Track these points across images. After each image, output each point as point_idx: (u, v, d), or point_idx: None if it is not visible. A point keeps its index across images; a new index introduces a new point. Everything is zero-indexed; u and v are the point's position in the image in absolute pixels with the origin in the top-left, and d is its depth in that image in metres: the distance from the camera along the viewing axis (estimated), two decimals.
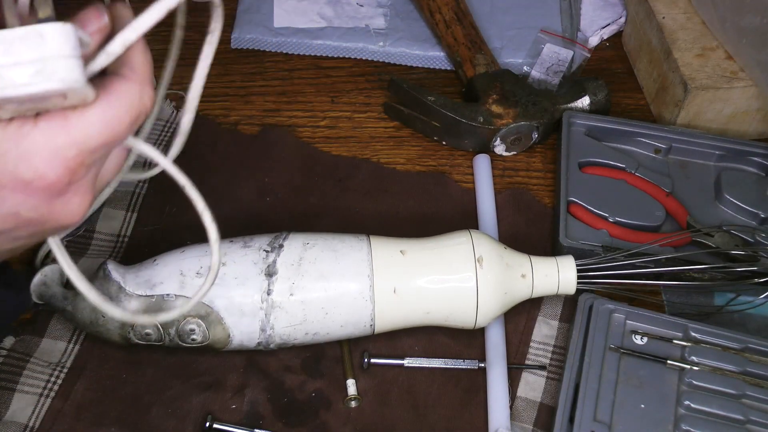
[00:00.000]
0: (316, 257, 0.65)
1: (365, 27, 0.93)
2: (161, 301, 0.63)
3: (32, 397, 0.66)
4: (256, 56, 0.93)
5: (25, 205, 0.43)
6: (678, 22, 0.88)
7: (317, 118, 0.88)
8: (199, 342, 0.65)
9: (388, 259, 0.66)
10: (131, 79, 0.44)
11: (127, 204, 0.78)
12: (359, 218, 0.79)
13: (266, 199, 0.80)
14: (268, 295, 0.64)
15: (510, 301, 0.68)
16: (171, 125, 0.85)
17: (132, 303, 0.63)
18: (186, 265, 0.65)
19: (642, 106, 0.92)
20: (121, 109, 0.43)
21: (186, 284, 0.64)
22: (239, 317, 0.64)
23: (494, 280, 0.66)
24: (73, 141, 0.42)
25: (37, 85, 0.39)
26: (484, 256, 0.66)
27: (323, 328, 0.65)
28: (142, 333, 0.64)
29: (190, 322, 0.64)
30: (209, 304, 0.63)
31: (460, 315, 0.67)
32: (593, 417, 0.64)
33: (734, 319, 0.74)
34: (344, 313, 0.65)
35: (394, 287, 0.65)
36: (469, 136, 0.83)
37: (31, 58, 0.38)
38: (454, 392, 0.69)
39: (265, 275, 0.64)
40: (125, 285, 0.64)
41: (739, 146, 0.82)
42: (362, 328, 0.66)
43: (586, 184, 0.79)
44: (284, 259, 0.65)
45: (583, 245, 0.74)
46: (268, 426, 0.66)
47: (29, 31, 0.39)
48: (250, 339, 0.65)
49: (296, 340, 0.66)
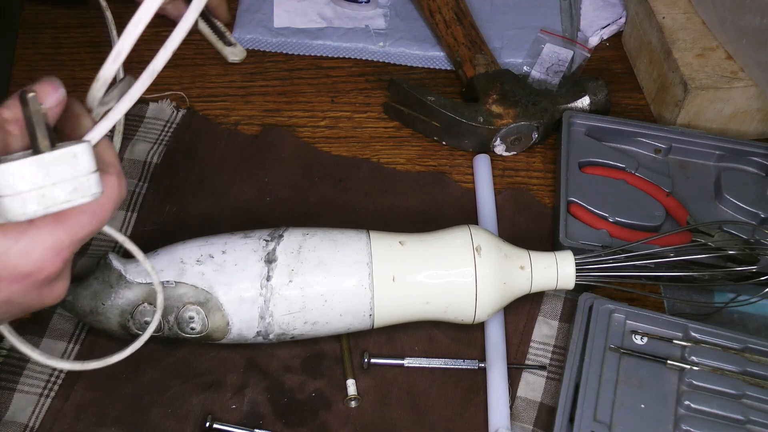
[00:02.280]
0: (315, 246, 0.66)
1: (365, 27, 0.93)
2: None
3: (32, 397, 0.66)
4: (256, 56, 0.93)
5: (19, 294, 0.47)
6: (678, 22, 0.88)
7: (317, 118, 0.88)
8: (198, 332, 0.65)
9: (387, 248, 0.66)
10: (110, 173, 0.48)
11: (127, 203, 0.78)
12: (359, 218, 0.79)
13: (266, 199, 0.80)
14: (267, 281, 0.64)
15: (509, 292, 0.68)
16: (171, 125, 0.85)
17: (132, 290, 0.64)
18: (187, 253, 0.65)
19: (642, 106, 0.92)
20: (107, 202, 0.47)
21: (186, 271, 0.64)
22: (238, 304, 0.64)
23: (493, 269, 0.66)
24: (68, 234, 0.46)
25: (75, 201, 0.44)
26: (482, 246, 0.66)
27: (322, 317, 0.65)
28: (142, 321, 0.64)
29: (189, 309, 0.64)
30: (209, 290, 0.64)
31: (459, 306, 0.67)
32: (593, 417, 0.64)
33: (734, 319, 0.74)
34: (343, 301, 0.65)
35: (393, 275, 0.65)
36: (469, 136, 0.83)
37: (68, 177, 0.43)
38: (454, 392, 0.69)
39: (264, 262, 0.65)
40: (126, 273, 0.64)
41: (739, 146, 0.82)
42: (361, 318, 0.66)
43: (586, 184, 0.79)
44: (284, 247, 0.66)
45: (583, 245, 0.74)
46: (268, 426, 0.66)
47: (64, 153, 0.43)
48: (249, 327, 0.65)
49: (295, 329, 0.66)
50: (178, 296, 0.64)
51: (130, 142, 0.83)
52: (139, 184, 0.79)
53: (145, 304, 0.64)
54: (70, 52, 0.92)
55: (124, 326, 0.65)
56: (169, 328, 0.65)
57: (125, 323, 0.65)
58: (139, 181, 0.80)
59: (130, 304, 0.64)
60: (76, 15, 0.95)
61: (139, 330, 0.65)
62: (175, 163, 0.82)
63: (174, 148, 0.83)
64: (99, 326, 0.66)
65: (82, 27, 0.94)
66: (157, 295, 0.58)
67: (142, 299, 0.64)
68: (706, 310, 0.74)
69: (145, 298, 0.64)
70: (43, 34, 0.93)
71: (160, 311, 0.59)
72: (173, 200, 0.79)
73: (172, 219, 0.78)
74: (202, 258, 0.65)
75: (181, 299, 0.64)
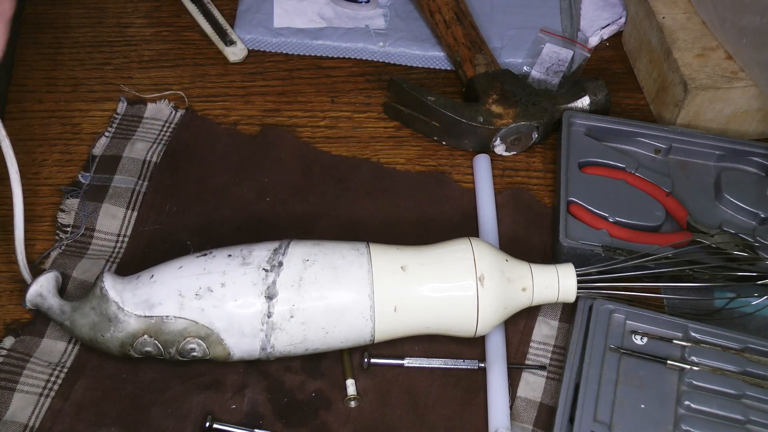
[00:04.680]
0: (316, 277, 0.64)
1: (365, 27, 0.93)
2: (161, 322, 0.63)
3: (32, 397, 0.66)
4: (256, 56, 0.93)
5: None
6: (678, 22, 0.88)
7: (317, 118, 0.88)
8: (200, 357, 0.65)
9: (389, 276, 0.65)
10: None
11: (127, 201, 0.78)
12: (359, 218, 0.79)
13: (266, 200, 0.80)
14: (268, 317, 0.64)
15: (510, 312, 0.68)
16: (170, 125, 0.85)
17: (131, 323, 0.63)
18: (184, 284, 0.64)
19: (642, 106, 0.92)
20: None
21: (185, 306, 0.63)
22: (239, 338, 0.64)
23: (495, 297, 0.66)
24: None
25: None
26: (485, 274, 0.65)
27: (323, 345, 0.66)
28: (143, 350, 0.64)
29: (190, 342, 0.64)
30: (209, 326, 0.63)
31: (460, 329, 0.67)
32: (593, 417, 0.64)
33: (734, 319, 0.74)
34: (344, 332, 0.65)
35: (394, 306, 0.65)
36: (469, 136, 0.83)
37: None
38: (454, 392, 0.69)
39: (265, 297, 0.64)
40: (123, 305, 0.63)
41: (739, 146, 0.82)
42: (362, 342, 0.67)
43: (586, 184, 0.79)
44: (284, 279, 0.64)
45: (583, 245, 0.74)
46: (268, 426, 0.66)
47: None
48: (251, 355, 0.66)
49: (296, 355, 0.66)
50: (179, 331, 0.63)
51: (130, 141, 0.83)
52: (139, 183, 0.79)
53: (146, 336, 0.63)
54: (70, 52, 0.92)
55: (126, 354, 0.65)
56: (170, 356, 0.65)
57: (126, 352, 0.65)
58: (139, 179, 0.80)
59: (130, 337, 0.64)
60: (76, 15, 0.95)
61: (140, 355, 0.65)
62: (174, 162, 0.82)
63: (173, 148, 0.83)
64: (100, 351, 0.66)
65: (82, 27, 0.94)
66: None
67: (141, 332, 0.63)
68: (706, 310, 0.74)
69: (144, 331, 0.63)
70: (43, 34, 0.93)
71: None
72: (173, 200, 0.79)
73: (172, 219, 0.78)
74: (201, 291, 0.63)
75: (181, 334, 0.63)
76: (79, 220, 0.77)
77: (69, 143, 0.84)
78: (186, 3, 0.95)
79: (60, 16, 0.95)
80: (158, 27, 0.95)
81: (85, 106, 0.87)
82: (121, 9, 0.97)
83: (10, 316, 0.71)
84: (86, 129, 0.85)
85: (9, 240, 0.73)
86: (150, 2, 0.98)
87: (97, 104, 0.87)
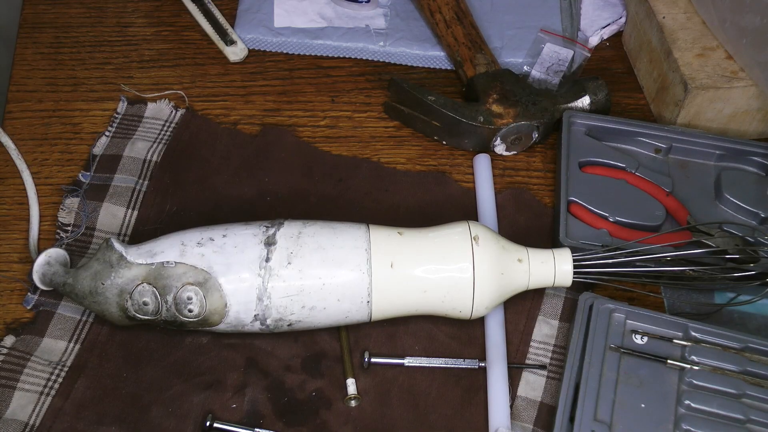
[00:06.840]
0: (315, 232, 0.67)
1: (365, 27, 0.93)
2: (161, 267, 0.65)
3: (33, 396, 0.66)
4: (257, 56, 0.93)
5: None
6: (678, 22, 0.88)
7: (317, 118, 0.88)
8: (196, 315, 0.65)
9: (385, 237, 0.67)
10: None
11: (128, 201, 0.78)
12: (359, 218, 0.79)
13: (266, 199, 0.80)
14: (266, 262, 0.65)
15: (507, 285, 0.68)
16: (170, 125, 0.85)
17: (132, 270, 0.65)
18: (188, 236, 0.67)
19: (642, 105, 0.92)
20: None
21: (186, 252, 0.65)
22: (237, 284, 0.65)
23: (490, 258, 0.66)
24: None
25: None
26: (480, 236, 0.67)
27: (320, 301, 0.66)
28: (140, 302, 0.65)
29: (188, 289, 0.64)
30: (207, 270, 0.65)
31: (456, 295, 0.67)
32: (593, 416, 0.64)
33: (734, 318, 0.74)
34: (341, 285, 0.65)
35: (391, 262, 0.66)
36: (469, 136, 0.84)
37: None
38: (454, 392, 0.69)
39: (264, 244, 0.66)
40: (127, 254, 0.65)
41: (739, 146, 0.82)
42: (359, 304, 0.66)
43: (587, 183, 0.79)
44: (284, 232, 0.67)
45: (584, 245, 0.74)
46: (268, 425, 0.66)
47: None
48: (247, 310, 0.65)
49: (293, 314, 0.66)
50: (177, 276, 0.64)
51: (130, 140, 0.83)
52: (139, 182, 0.80)
53: (144, 284, 0.65)
54: (71, 52, 0.92)
55: (123, 308, 0.65)
56: (167, 309, 0.65)
57: (124, 304, 0.65)
58: (139, 178, 0.80)
59: (130, 284, 0.65)
60: (76, 15, 0.95)
61: (137, 312, 0.65)
62: (174, 162, 0.82)
63: (173, 147, 0.83)
64: (98, 308, 0.66)
65: (82, 27, 0.94)
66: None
67: (141, 279, 0.65)
68: (706, 310, 0.74)
69: (144, 278, 0.65)
70: (43, 34, 0.93)
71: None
72: (173, 199, 0.79)
73: (173, 218, 0.78)
74: (203, 241, 0.66)
75: (180, 279, 0.64)
76: (79, 220, 0.77)
77: (69, 143, 0.84)
78: (186, 3, 0.95)
79: (60, 16, 0.95)
80: (159, 26, 0.95)
81: (86, 105, 0.87)
82: (121, 8, 0.97)
83: (11, 316, 0.71)
84: (87, 128, 0.85)
85: (9, 240, 0.73)
86: (150, 2, 0.98)
87: (98, 104, 0.87)
